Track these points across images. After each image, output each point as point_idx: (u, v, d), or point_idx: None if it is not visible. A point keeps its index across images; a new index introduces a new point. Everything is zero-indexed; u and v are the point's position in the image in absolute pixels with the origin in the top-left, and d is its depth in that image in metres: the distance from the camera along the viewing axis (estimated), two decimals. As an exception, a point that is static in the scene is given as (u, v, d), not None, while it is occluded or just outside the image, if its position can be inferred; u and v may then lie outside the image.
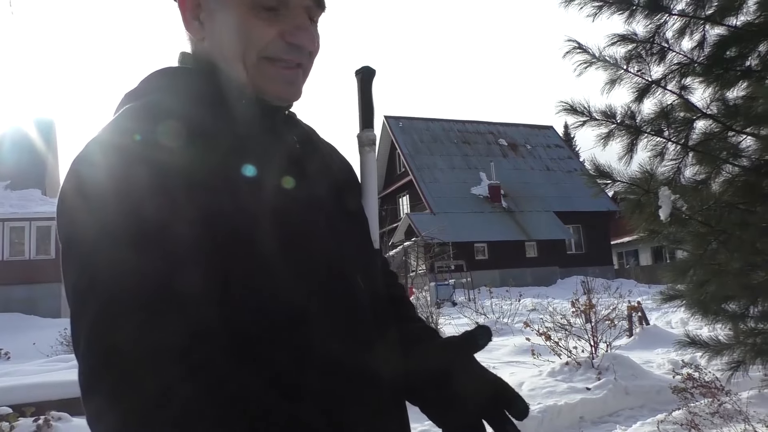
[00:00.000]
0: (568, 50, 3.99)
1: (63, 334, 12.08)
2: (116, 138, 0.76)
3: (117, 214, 0.68)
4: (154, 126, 0.75)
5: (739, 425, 4.20)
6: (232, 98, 0.85)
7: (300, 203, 0.83)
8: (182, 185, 0.71)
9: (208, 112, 0.82)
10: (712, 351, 4.11)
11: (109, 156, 0.74)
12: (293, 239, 0.78)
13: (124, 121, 0.78)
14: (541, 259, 29.91)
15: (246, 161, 0.79)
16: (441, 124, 36.22)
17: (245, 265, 0.73)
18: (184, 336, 0.64)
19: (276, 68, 0.86)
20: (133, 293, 0.64)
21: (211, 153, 0.77)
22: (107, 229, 0.68)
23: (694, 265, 3.79)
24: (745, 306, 3.87)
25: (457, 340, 0.87)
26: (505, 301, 14.65)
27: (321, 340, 0.77)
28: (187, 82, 0.88)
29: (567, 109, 4.00)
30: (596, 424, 5.40)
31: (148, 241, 0.67)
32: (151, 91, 0.86)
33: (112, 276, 0.65)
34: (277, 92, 0.88)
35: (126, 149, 0.74)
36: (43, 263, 21.74)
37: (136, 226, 0.68)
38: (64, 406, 5.54)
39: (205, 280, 0.69)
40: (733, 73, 3.81)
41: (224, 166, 0.77)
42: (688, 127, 3.95)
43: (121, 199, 0.69)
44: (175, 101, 0.83)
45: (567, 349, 6.93)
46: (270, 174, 0.81)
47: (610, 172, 3.82)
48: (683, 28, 3.93)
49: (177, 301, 0.65)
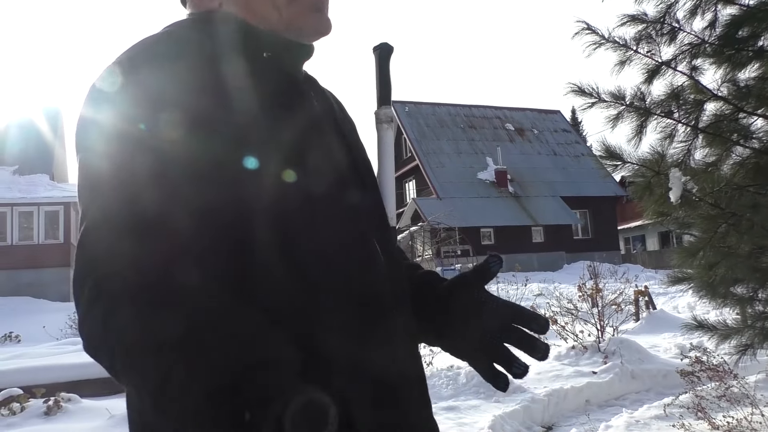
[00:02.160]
0: (577, 31, 3.94)
1: (72, 317, 12.16)
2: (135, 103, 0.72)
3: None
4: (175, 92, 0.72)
5: (746, 409, 4.20)
6: (256, 52, 0.82)
7: (322, 179, 0.80)
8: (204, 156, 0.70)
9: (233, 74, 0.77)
10: (720, 335, 4.09)
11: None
12: (312, 219, 0.76)
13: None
14: (547, 244, 29.86)
15: (275, 129, 0.77)
16: (447, 109, 36.03)
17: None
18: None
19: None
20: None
21: (234, 124, 0.73)
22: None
23: (703, 248, 3.76)
24: (753, 289, 3.85)
25: (470, 272, 0.89)
26: (512, 286, 14.63)
27: (332, 329, 0.74)
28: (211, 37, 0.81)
29: (575, 90, 3.96)
30: (602, 407, 5.42)
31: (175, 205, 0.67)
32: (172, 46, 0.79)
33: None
34: (313, 25, 0.87)
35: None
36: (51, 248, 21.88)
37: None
38: (73, 387, 5.61)
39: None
40: (745, 53, 3.75)
41: (254, 130, 0.75)
42: (699, 109, 3.91)
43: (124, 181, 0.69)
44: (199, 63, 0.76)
45: (573, 333, 6.94)
46: (295, 142, 0.79)
47: (621, 154, 3.79)
48: (695, 8, 3.87)
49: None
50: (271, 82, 0.82)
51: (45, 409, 4.96)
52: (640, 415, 4.66)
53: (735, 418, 4.15)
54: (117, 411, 4.79)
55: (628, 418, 4.61)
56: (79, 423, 4.74)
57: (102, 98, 0.74)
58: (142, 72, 0.73)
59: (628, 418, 4.61)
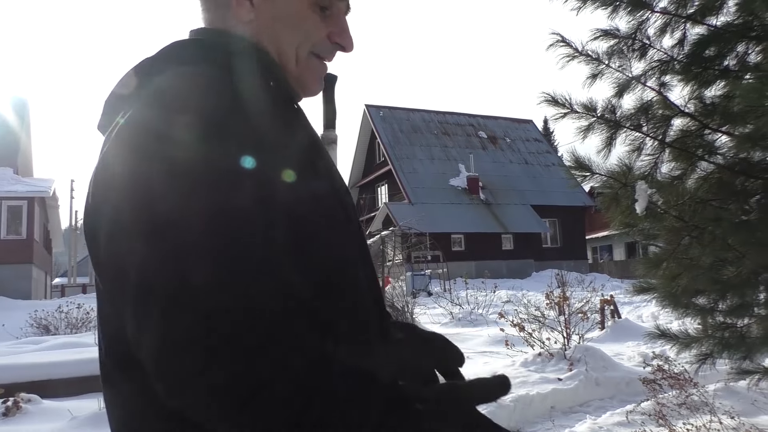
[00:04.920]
0: (552, 43, 4.01)
1: (33, 315, 11.87)
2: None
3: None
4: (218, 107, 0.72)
5: (705, 416, 4.31)
6: (272, 81, 0.87)
7: (324, 197, 0.82)
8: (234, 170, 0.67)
9: (256, 95, 0.78)
10: (682, 344, 4.19)
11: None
12: (315, 233, 0.77)
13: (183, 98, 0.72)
14: (516, 252, 30.21)
15: (286, 151, 0.78)
16: (421, 115, 36.22)
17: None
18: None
19: (321, 64, 0.92)
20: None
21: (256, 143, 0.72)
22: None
23: (667, 259, 3.86)
24: (714, 300, 3.95)
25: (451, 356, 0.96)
26: (481, 293, 14.77)
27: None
28: (241, 63, 0.83)
29: (548, 100, 4.02)
30: (567, 413, 5.50)
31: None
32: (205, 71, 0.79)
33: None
34: (314, 87, 0.94)
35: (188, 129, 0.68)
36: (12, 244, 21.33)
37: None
38: (34, 388, 5.48)
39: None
40: (712, 72, 3.86)
41: (272, 153, 0.74)
42: (666, 124, 4.01)
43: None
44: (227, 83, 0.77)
45: (540, 340, 7.03)
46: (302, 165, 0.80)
47: (590, 165, 3.87)
48: (665, 26, 3.98)
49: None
50: (278, 105, 0.85)
51: (3, 410, 4.83)
52: (603, 422, 4.75)
53: (695, 425, 4.26)
54: (79, 412, 4.69)
55: (592, 424, 4.69)
56: (39, 424, 4.62)
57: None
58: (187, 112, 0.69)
59: (592, 424, 4.69)
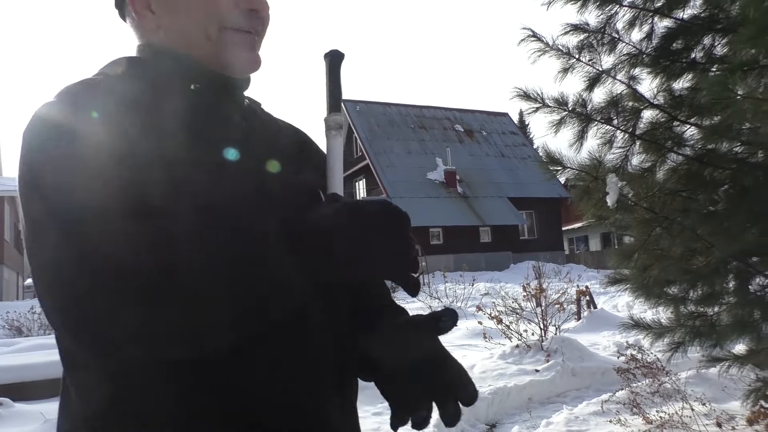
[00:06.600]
0: (523, 38, 4.02)
1: (5, 317, 11.66)
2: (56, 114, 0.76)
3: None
4: (92, 102, 0.77)
5: (678, 404, 4.39)
6: (184, 84, 0.88)
7: (232, 177, 0.83)
8: (114, 161, 0.72)
9: (153, 94, 0.83)
10: (655, 333, 4.26)
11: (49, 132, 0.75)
12: (219, 210, 0.77)
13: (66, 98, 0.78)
14: (494, 244, 30.41)
15: (184, 139, 0.80)
16: (398, 109, 36.22)
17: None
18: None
19: (242, 36, 0.91)
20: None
21: (147, 130, 0.77)
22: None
23: (638, 250, 3.92)
24: (685, 290, 4.02)
25: (419, 320, 0.88)
26: (459, 286, 14.86)
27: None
28: (143, 68, 0.89)
29: (521, 95, 4.05)
30: (544, 404, 5.56)
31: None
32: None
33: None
34: (242, 62, 0.92)
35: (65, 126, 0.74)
36: (-17, 245, 20.86)
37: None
38: (5, 391, 5.37)
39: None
40: (679, 64, 3.92)
41: (161, 141, 0.77)
42: (636, 117, 4.06)
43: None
44: (120, 83, 0.84)
45: (518, 332, 7.09)
46: (206, 151, 0.82)
47: (561, 159, 3.90)
48: (633, 20, 4.02)
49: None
50: (188, 112, 0.84)
51: (-26, 415, 4.73)
52: (579, 412, 4.81)
53: (667, 412, 4.35)
54: (52, 415, 4.61)
55: (568, 414, 4.76)
56: (12, 428, 4.54)
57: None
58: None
59: (568, 414, 4.76)
